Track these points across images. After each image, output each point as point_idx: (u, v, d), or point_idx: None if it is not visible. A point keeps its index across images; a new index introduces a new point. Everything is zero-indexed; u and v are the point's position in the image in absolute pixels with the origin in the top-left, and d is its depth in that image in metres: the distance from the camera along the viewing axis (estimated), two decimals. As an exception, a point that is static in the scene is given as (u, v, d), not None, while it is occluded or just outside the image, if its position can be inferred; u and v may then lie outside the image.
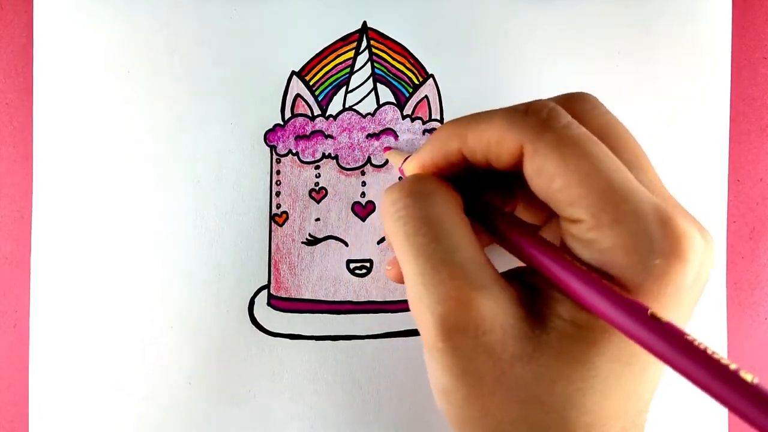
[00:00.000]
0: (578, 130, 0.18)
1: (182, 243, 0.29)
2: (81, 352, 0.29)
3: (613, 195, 0.17)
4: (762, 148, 0.32)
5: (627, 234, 0.17)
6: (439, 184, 0.21)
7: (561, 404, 0.18)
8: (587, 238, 0.18)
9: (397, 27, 0.30)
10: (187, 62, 0.29)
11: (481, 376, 0.18)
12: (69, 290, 0.29)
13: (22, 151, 0.30)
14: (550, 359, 0.18)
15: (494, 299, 0.18)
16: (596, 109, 0.20)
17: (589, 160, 0.17)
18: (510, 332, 0.18)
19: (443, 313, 0.18)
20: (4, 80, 0.30)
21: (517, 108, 0.19)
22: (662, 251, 0.17)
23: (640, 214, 0.17)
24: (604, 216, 0.17)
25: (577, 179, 0.17)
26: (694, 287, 0.18)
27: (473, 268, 0.18)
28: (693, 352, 0.15)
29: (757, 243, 0.32)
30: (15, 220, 0.30)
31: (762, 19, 0.32)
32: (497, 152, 0.19)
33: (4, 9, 0.30)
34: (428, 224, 0.19)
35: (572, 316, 0.18)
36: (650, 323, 0.16)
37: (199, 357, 0.29)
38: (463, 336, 0.18)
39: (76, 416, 0.29)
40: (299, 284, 0.30)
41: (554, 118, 0.18)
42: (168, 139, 0.29)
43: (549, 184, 0.18)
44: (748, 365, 0.31)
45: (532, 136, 0.18)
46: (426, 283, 0.18)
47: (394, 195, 0.20)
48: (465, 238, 0.19)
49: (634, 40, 0.31)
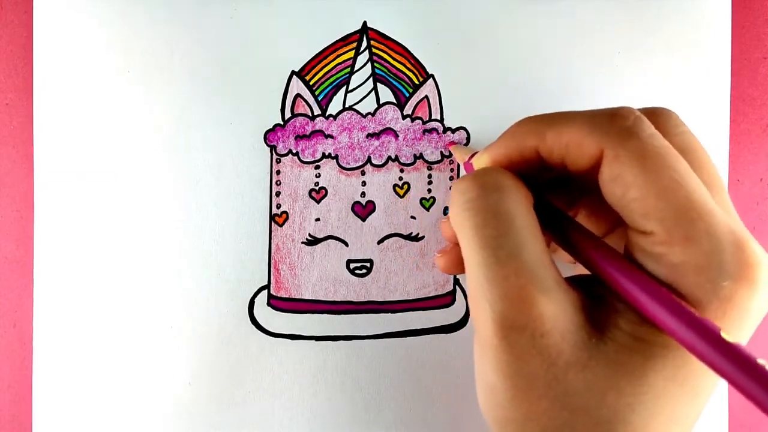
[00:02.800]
0: (662, 142, 0.18)
1: (182, 243, 0.29)
2: (82, 352, 0.29)
3: (690, 212, 0.17)
4: (762, 148, 0.32)
5: (699, 252, 0.17)
6: (511, 179, 0.20)
7: (609, 417, 0.18)
8: (656, 252, 0.17)
9: (397, 27, 0.30)
10: (187, 62, 0.29)
11: (532, 378, 0.18)
12: (70, 290, 0.29)
13: (22, 151, 0.30)
14: (604, 370, 0.18)
15: (557, 303, 0.18)
16: (678, 126, 0.20)
17: (669, 174, 0.17)
18: (568, 338, 0.18)
19: (503, 309, 0.18)
20: (4, 80, 0.30)
21: (603, 112, 0.19)
22: (733, 274, 0.17)
23: (715, 234, 0.17)
24: (678, 232, 0.17)
25: (655, 191, 0.17)
26: (757, 314, 0.18)
27: (539, 268, 0.18)
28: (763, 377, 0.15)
29: (758, 243, 0.32)
30: (15, 220, 0.30)
31: (762, 19, 0.32)
32: (576, 154, 0.19)
33: (4, 9, 0.30)
34: (498, 217, 0.19)
35: (633, 330, 0.18)
36: (721, 345, 0.16)
37: (199, 357, 0.29)
38: (520, 336, 0.18)
39: (77, 415, 0.29)
40: (299, 284, 0.30)
41: (639, 126, 0.18)
42: (168, 139, 0.29)
43: (625, 192, 0.18)
44: (749, 365, 0.31)
45: (615, 142, 0.18)
46: (489, 277, 0.18)
47: (465, 184, 0.20)
48: (534, 236, 0.19)
49: (634, 40, 0.31)
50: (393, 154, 0.30)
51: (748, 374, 0.15)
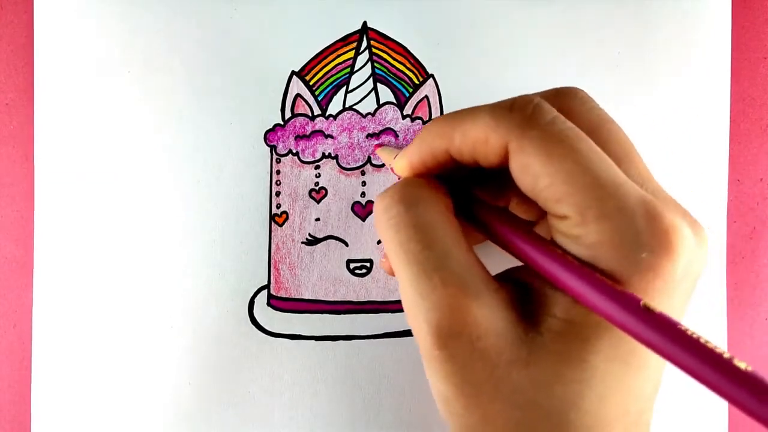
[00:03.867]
0: (564, 125, 0.18)
1: (182, 243, 0.29)
2: (82, 352, 0.29)
3: (599, 191, 0.17)
4: (762, 148, 0.32)
5: (613, 229, 0.17)
6: (429, 189, 0.20)
7: (560, 407, 0.18)
8: (574, 234, 0.18)
9: (397, 27, 0.30)
10: (187, 62, 0.29)
11: (479, 383, 0.18)
12: (70, 290, 0.29)
13: (22, 151, 0.30)
14: (545, 362, 0.18)
15: (487, 304, 0.18)
16: (585, 104, 0.20)
17: (574, 157, 0.17)
18: (504, 337, 0.18)
19: (437, 319, 0.18)
20: (4, 80, 0.30)
21: (502, 104, 0.19)
22: (649, 245, 0.17)
23: (626, 208, 0.17)
24: (590, 212, 0.17)
25: (562, 176, 0.17)
26: (684, 280, 0.18)
27: (465, 273, 0.18)
28: (686, 341, 0.15)
29: (757, 243, 0.32)
30: (15, 221, 0.30)
31: (762, 19, 0.32)
32: (483, 151, 0.19)
33: (4, 9, 0.30)
34: (420, 231, 0.19)
35: (566, 314, 0.18)
36: (642, 314, 0.16)
37: (199, 357, 0.29)
38: (458, 342, 0.18)
39: (77, 415, 0.29)
40: (299, 284, 0.30)
41: (539, 114, 0.18)
42: (168, 139, 0.29)
43: (535, 181, 0.18)
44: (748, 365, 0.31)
45: (517, 133, 0.18)
46: (420, 290, 0.18)
47: (386, 202, 0.20)
48: (456, 243, 0.19)
49: (634, 40, 0.31)
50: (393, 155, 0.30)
51: (672, 340, 0.15)
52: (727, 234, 0.31)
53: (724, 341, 0.31)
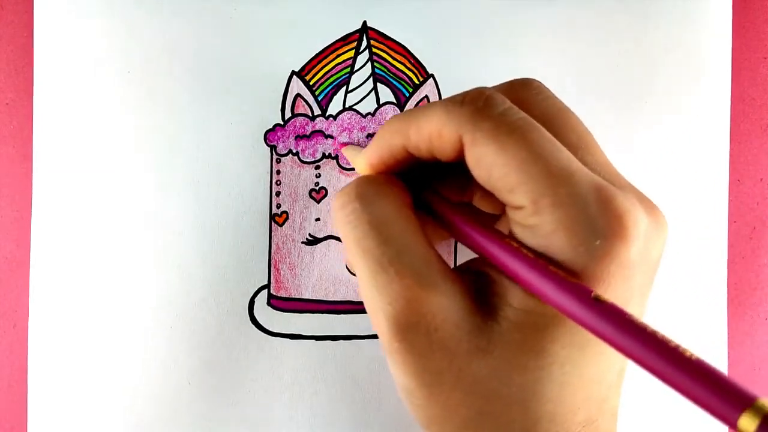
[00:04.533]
0: (516, 116, 0.18)
1: (182, 243, 0.29)
2: (80, 352, 0.29)
3: (551, 179, 0.17)
4: (762, 148, 0.32)
5: (566, 217, 0.17)
6: (386, 185, 0.21)
7: (520, 395, 0.18)
8: (530, 223, 0.18)
9: (397, 27, 0.30)
10: (187, 62, 0.29)
11: (440, 373, 0.18)
12: (68, 290, 0.29)
13: (21, 151, 0.30)
14: (504, 351, 0.18)
15: (444, 295, 0.18)
16: (540, 94, 0.20)
17: (526, 146, 0.17)
18: (462, 327, 0.18)
19: (394, 312, 0.18)
20: (4, 80, 0.30)
21: (455, 98, 0.19)
22: (602, 231, 0.17)
23: (578, 195, 0.17)
24: (543, 201, 0.17)
25: (515, 166, 0.17)
26: (641, 264, 0.18)
27: (421, 266, 0.19)
28: (634, 331, 0.15)
29: (757, 243, 0.32)
30: (15, 220, 0.30)
31: (762, 19, 0.32)
32: (439, 145, 0.19)
33: (4, 9, 0.30)
34: (376, 227, 0.19)
35: (522, 304, 0.18)
36: (592, 305, 0.16)
37: (199, 357, 0.29)
38: (415, 334, 0.18)
39: (75, 416, 0.29)
40: (299, 284, 0.30)
41: (491, 105, 0.18)
42: (168, 140, 0.29)
43: (489, 172, 0.18)
44: (748, 365, 0.31)
45: (469, 126, 0.18)
46: (377, 285, 0.19)
47: (343, 199, 0.20)
48: (413, 237, 0.19)
49: (634, 40, 0.31)
50: (393, 154, 0.30)
51: (621, 330, 0.15)
52: (727, 234, 0.31)
53: (724, 341, 0.31)
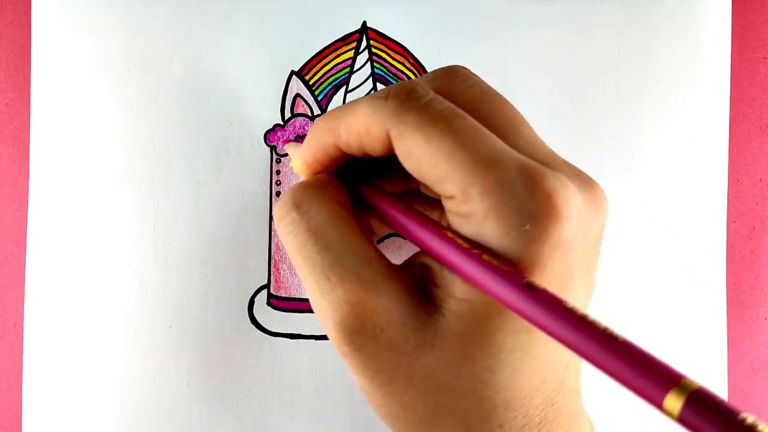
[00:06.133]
0: (440, 106, 0.18)
1: (182, 243, 0.29)
2: (78, 352, 0.29)
3: (478, 166, 0.17)
4: (762, 148, 0.32)
5: (495, 203, 0.17)
6: (321, 190, 0.20)
7: (472, 386, 0.18)
8: (462, 212, 0.18)
9: (397, 27, 0.30)
10: (187, 62, 0.29)
11: (391, 372, 0.19)
12: (66, 290, 0.29)
13: (20, 151, 0.30)
14: (451, 343, 0.18)
15: (386, 295, 0.18)
16: (466, 80, 0.20)
17: (451, 135, 0.17)
18: (408, 324, 0.18)
19: (340, 317, 0.18)
20: (3, 80, 0.30)
21: (380, 93, 0.19)
22: (532, 214, 0.16)
23: (505, 180, 0.17)
24: (472, 189, 0.17)
25: (442, 157, 0.17)
26: (578, 242, 0.17)
27: (362, 268, 0.19)
28: (565, 315, 0.15)
29: (757, 243, 0.32)
30: (14, 220, 0.30)
31: (762, 19, 0.32)
32: (368, 142, 0.19)
33: (4, 9, 0.30)
34: (314, 235, 0.19)
35: (465, 294, 0.18)
36: (525, 292, 0.16)
37: (199, 357, 0.29)
38: (363, 337, 0.18)
39: (72, 416, 0.29)
40: (299, 284, 0.30)
41: (414, 98, 0.18)
42: (168, 139, 0.29)
43: (419, 165, 0.18)
44: (748, 365, 0.32)
45: (395, 119, 0.18)
46: (321, 291, 0.19)
47: (281, 210, 0.20)
48: (351, 239, 0.19)
49: (634, 40, 0.31)
50: (393, 154, 0.30)
51: (554, 316, 0.15)
52: (727, 234, 0.31)
53: (723, 341, 0.31)
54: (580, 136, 0.31)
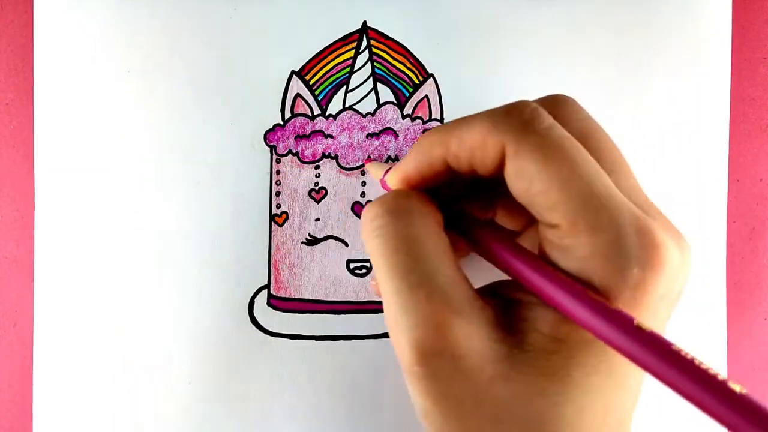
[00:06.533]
0: (561, 132, 0.18)
1: (182, 243, 0.29)
2: (82, 351, 0.29)
3: (592, 201, 0.17)
4: (762, 148, 0.32)
5: (604, 242, 0.17)
6: (419, 201, 0.20)
7: (539, 418, 0.18)
8: (564, 244, 0.17)
9: (397, 27, 0.30)
10: (187, 62, 0.29)
11: (459, 398, 0.18)
12: (71, 290, 0.29)
13: (22, 151, 0.30)
14: (527, 376, 0.18)
15: (471, 323, 0.18)
16: (577, 113, 0.20)
17: (570, 165, 0.17)
18: (487, 355, 0.18)
19: (419, 336, 0.18)
20: (4, 80, 0.30)
21: (500, 110, 0.19)
22: (639, 261, 0.16)
23: (618, 222, 0.17)
24: (582, 222, 0.17)
25: (557, 183, 0.17)
26: (669, 296, 0.18)
27: (451, 290, 0.18)
28: (680, 362, 0.15)
29: (757, 243, 0.32)
30: (15, 220, 0.30)
31: (762, 19, 0.32)
32: (481, 156, 0.19)
33: (4, 9, 0.30)
34: (407, 244, 0.19)
35: (552, 331, 0.18)
36: (636, 334, 0.16)
37: (199, 357, 0.29)
38: (439, 360, 0.18)
39: (77, 415, 0.29)
40: (299, 284, 0.30)
41: (537, 119, 0.18)
42: (168, 139, 0.29)
43: (529, 186, 0.18)
44: (748, 365, 0.32)
45: (515, 137, 0.18)
46: (403, 305, 0.18)
47: (374, 211, 0.20)
48: (444, 258, 0.19)
49: (634, 40, 0.31)
50: (393, 154, 0.30)
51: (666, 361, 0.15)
52: (727, 234, 0.31)
53: (723, 341, 0.31)
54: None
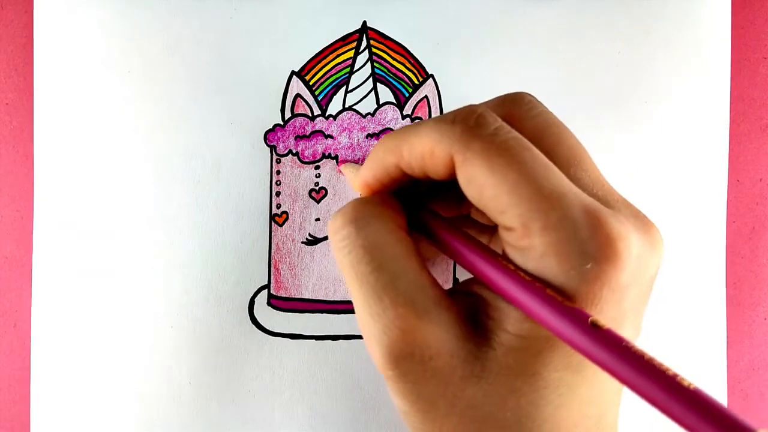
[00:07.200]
0: (507, 135, 0.18)
1: (182, 243, 0.29)
2: (82, 352, 0.29)
3: (542, 201, 0.17)
4: (762, 148, 0.32)
5: (557, 240, 0.17)
6: (380, 207, 0.20)
7: (515, 418, 0.18)
8: (521, 245, 0.17)
9: (397, 27, 0.30)
10: (187, 62, 0.29)
11: (434, 399, 0.18)
12: (70, 290, 0.29)
13: (22, 151, 0.30)
14: (499, 376, 0.18)
15: (438, 324, 0.18)
16: (532, 109, 0.20)
17: (516, 167, 0.17)
18: (457, 355, 0.18)
19: (388, 341, 0.18)
20: (4, 80, 0.30)
21: (446, 117, 0.19)
22: (593, 255, 0.16)
23: (569, 219, 0.17)
24: (534, 224, 0.17)
25: (505, 188, 0.17)
26: (633, 286, 0.17)
27: (416, 293, 0.18)
28: (631, 358, 0.15)
29: (757, 243, 0.32)
30: (15, 220, 0.30)
31: (762, 19, 0.32)
32: (431, 164, 0.19)
33: (4, 9, 0.30)
34: (370, 252, 0.19)
35: (518, 329, 0.18)
36: (590, 331, 0.16)
37: (199, 357, 0.29)
38: (410, 363, 0.18)
39: (76, 415, 0.29)
40: (299, 284, 0.30)
41: (481, 125, 0.18)
42: (168, 139, 0.29)
43: (480, 192, 0.18)
44: (747, 365, 0.32)
45: (460, 145, 0.18)
46: (371, 312, 0.18)
47: (337, 223, 0.20)
48: (407, 262, 0.19)
49: (634, 40, 0.31)
50: (393, 154, 0.30)
51: (618, 357, 0.15)
52: (726, 234, 0.31)
53: (723, 341, 0.31)
54: (580, 136, 0.30)
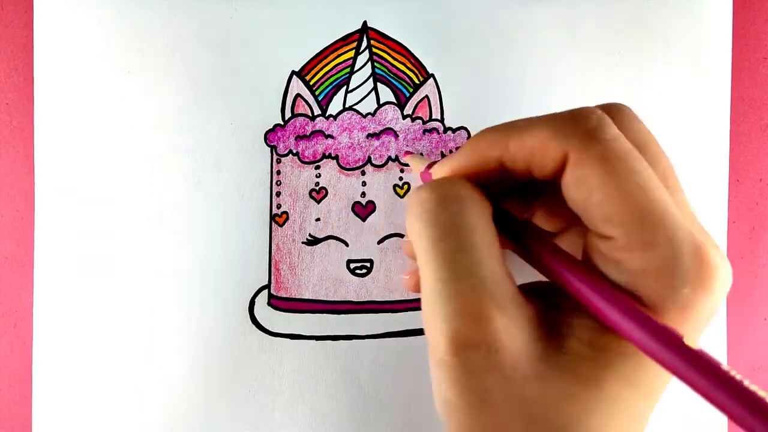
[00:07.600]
0: (625, 144, 0.18)
1: (182, 243, 0.29)
2: (82, 352, 0.29)
3: (651, 217, 0.17)
4: (762, 148, 0.32)
5: (659, 259, 0.17)
6: (472, 190, 0.20)
7: (565, 423, 0.18)
8: (616, 257, 0.17)
9: (397, 27, 0.30)
10: (187, 62, 0.29)
11: (488, 393, 0.18)
12: (71, 290, 0.29)
13: (22, 151, 0.30)
14: (560, 380, 0.18)
15: (512, 319, 0.18)
16: (633, 123, 0.20)
17: (633, 178, 0.17)
18: (524, 352, 0.18)
19: (458, 326, 0.17)
20: (4, 80, 0.30)
21: (564, 114, 0.18)
22: (692, 281, 0.16)
23: (676, 240, 0.17)
24: (639, 237, 0.17)
25: (617, 196, 0.17)
26: (711, 317, 0.18)
27: (496, 284, 0.18)
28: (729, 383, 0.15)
29: (757, 243, 0.32)
30: (15, 220, 0.30)
31: (762, 19, 0.32)
32: (540, 159, 0.19)
33: (4, 9, 0.30)
34: (456, 232, 0.18)
35: (591, 339, 0.18)
36: (685, 352, 0.16)
37: (200, 357, 0.29)
38: (475, 353, 0.18)
39: (77, 415, 0.29)
40: (299, 284, 0.30)
41: (602, 128, 0.18)
42: (168, 139, 0.29)
43: (588, 196, 0.18)
44: (748, 365, 0.32)
45: (579, 144, 0.18)
46: (444, 293, 0.18)
47: (424, 195, 0.19)
48: (491, 251, 0.18)
49: (634, 40, 0.31)
50: (393, 154, 0.30)
51: (713, 381, 0.15)
52: (727, 234, 0.31)
53: (723, 341, 0.31)
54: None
